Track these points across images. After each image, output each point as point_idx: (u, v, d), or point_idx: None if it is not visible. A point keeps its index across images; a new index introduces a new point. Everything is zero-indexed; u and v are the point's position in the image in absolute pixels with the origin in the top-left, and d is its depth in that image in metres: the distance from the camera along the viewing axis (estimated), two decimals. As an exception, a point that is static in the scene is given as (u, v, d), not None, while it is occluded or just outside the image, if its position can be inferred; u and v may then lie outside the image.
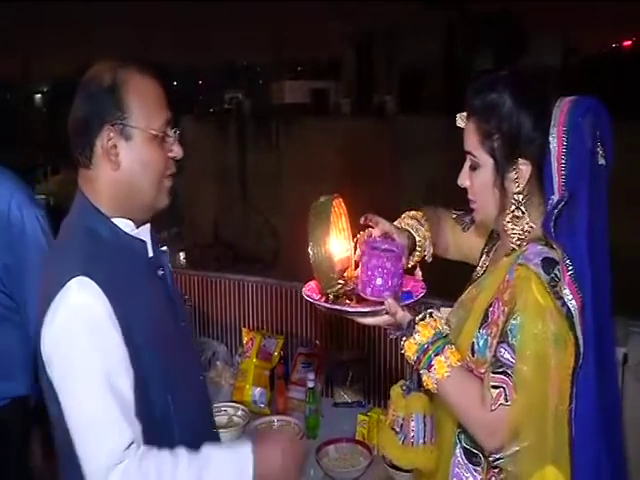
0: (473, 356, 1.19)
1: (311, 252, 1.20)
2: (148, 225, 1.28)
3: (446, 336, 1.18)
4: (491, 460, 1.18)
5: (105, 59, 1.22)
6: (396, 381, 1.40)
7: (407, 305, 1.20)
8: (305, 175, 16.02)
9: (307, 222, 1.21)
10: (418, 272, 1.34)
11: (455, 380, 1.15)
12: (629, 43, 26.96)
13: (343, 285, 1.28)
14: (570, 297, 1.11)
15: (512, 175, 1.17)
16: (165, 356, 1.19)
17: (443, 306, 1.46)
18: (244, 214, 18.05)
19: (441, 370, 1.14)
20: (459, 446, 1.25)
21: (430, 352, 1.16)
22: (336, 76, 30.05)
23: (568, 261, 1.11)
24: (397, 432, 1.32)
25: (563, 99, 1.17)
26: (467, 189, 1.25)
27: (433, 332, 1.17)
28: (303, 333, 2.46)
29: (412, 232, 1.35)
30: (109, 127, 1.16)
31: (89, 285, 1.09)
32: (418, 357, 1.17)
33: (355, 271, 1.31)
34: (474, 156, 1.21)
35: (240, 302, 2.64)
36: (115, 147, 1.17)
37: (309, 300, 1.28)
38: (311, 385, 2.14)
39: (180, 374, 1.24)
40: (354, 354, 2.33)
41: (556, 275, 1.11)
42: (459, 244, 1.45)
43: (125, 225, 1.22)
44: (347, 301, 1.26)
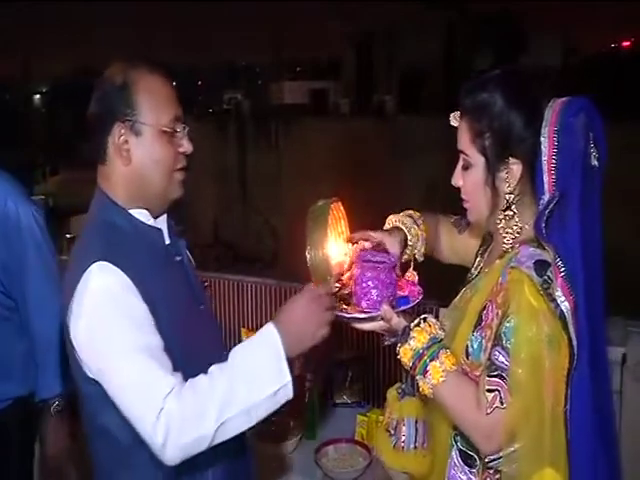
0: (467, 359, 1.19)
1: (308, 255, 1.20)
2: (165, 216, 1.34)
3: (441, 341, 1.19)
4: (486, 461, 1.19)
5: (116, 60, 1.29)
6: (395, 382, 1.41)
7: (402, 311, 1.21)
8: (305, 175, 16.03)
9: (305, 225, 1.21)
10: (415, 276, 1.34)
11: (451, 385, 1.15)
12: (629, 43, 26.97)
13: (340, 289, 1.29)
14: (563, 299, 1.11)
15: (503, 174, 1.18)
16: (184, 336, 1.24)
17: (443, 307, 1.47)
18: (244, 214, 18.06)
19: (436, 375, 1.15)
20: (455, 448, 1.25)
21: (425, 358, 1.16)
22: (336, 76, 30.04)
23: (560, 262, 1.11)
24: (391, 434, 1.33)
25: (556, 100, 1.17)
26: (460, 189, 1.25)
27: (428, 337, 1.18)
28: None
29: (404, 230, 1.36)
30: (120, 124, 1.22)
31: (109, 268, 1.15)
32: (413, 363, 1.18)
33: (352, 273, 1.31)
34: (466, 155, 1.21)
35: (239, 302, 2.64)
36: (126, 143, 1.23)
37: None
38: (310, 385, 2.14)
39: (200, 355, 1.26)
40: (353, 354, 2.33)
41: (549, 277, 1.11)
42: (455, 247, 1.45)
43: (142, 215, 1.28)
44: (344, 305, 1.26)
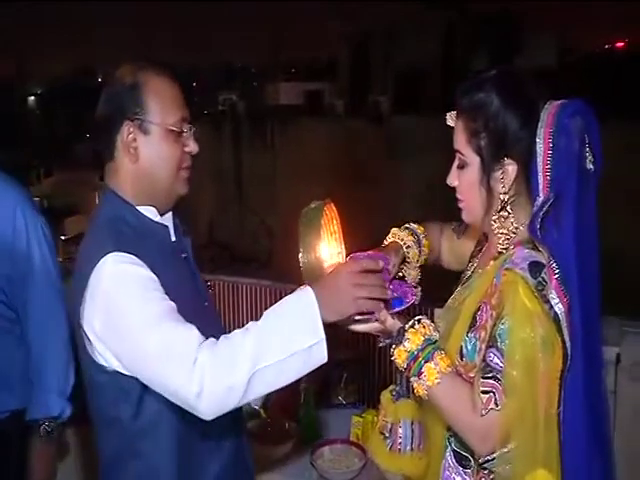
0: (462, 360, 1.19)
1: (301, 258, 1.20)
2: (170, 213, 1.37)
3: (435, 342, 1.19)
4: (481, 462, 1.19)
5: (118, 61, 1.33)
6: (391, 383, 1.40)
7: (397, 312, 1.21)
8: (300, 176, 16.02)
9: (298, 228, 1.20)
10: (411, 278, 1.34)
11: (445, 386, 1.15)
12: (629, 43, 26.95)
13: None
14: (557, 300, 1.11)
15: (498, 174, 1.18)
16: None
17: (438, 308, 1.46)
18: (239, 215, 18.04)
19: (431, 377, 1.15)
20: (449, 449, 1.25)
21: (420, 359, 1.16)
22: (333, 77, 29.99)
23: (554, 264, 1.12)
24: (386, 437, 1.32)
25: (552, 101, 1.18)
26: (456, 189, 1.25)
27: (422, 339, 1.18)
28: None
29: (403, 248, 1.35)
30: (129, 122, 1.27)
31: (124, 257, 1.18)
32: (408, 364, 1.17)
33: None
34: (462, 154, 1.21)
35: (235, 303, 2.63)
36: (135, 141, 1.27)
37: None
38: (305, 386, 2.14)
39: None
40: (349, 355, 2.33)
41: (543, 279, 1.11)
42: (456, 252, 1.45)
43: (149, 212, 1.32)
44: None
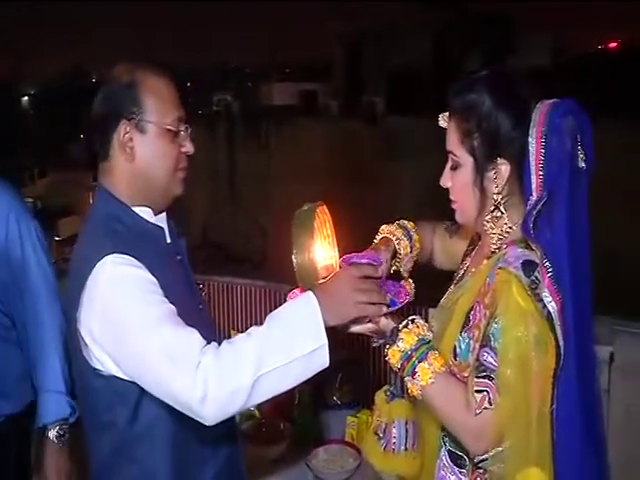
0: (455, 360, 1.19)
1: (294, 260, 1.19)
2: (164, 215, 1.35)
3: (429, 342, 1.18)
4: (476, 462, 1.19)
5: (117, 60, 1.31)
6: (386, 383, 1.40)
7: (391, 312, 1.20)
8: (294, 176, 16.02)
9: (290, 230, 1.20)
10: (409, 283, 1.34)
11: (439, 386, 1.15)
12: (626, 43, 26.96)
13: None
14: (550, 299, 1.11)
15: (491, 175, 1.18)
16: None
17: (432, 307, 1.46)
18: (233, 215, 18.01)
19: (425, 377, 1.15)
20: (444, 449, 1.25)
21: (413, 359, 1.16)
22: (328, 77, 29.98)
23: (547, 263, 1.12)
24: (380, 437, 1.32)
25: (544, 101, 1.18)
26: (449, 190, 1.25)
27: (416, 339, 1.18)
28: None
29: (394, 242, 1.35)
30: (126, 121, 1.25)
31: (123, 259, 1.16)
32: (402, 364, 1.17)
33: None
34: (455, 155, 1.21)
35: (229, 304, 2.63)
36: (131, 140, 1.26)
37: None
38: (300, 387, 2.14)
39: None
40: (344, 355, 2.32)
41: (536, 277, 1.12)
42: (449, 252, 1.45)
43: (144, 213, 1.30)
44: None
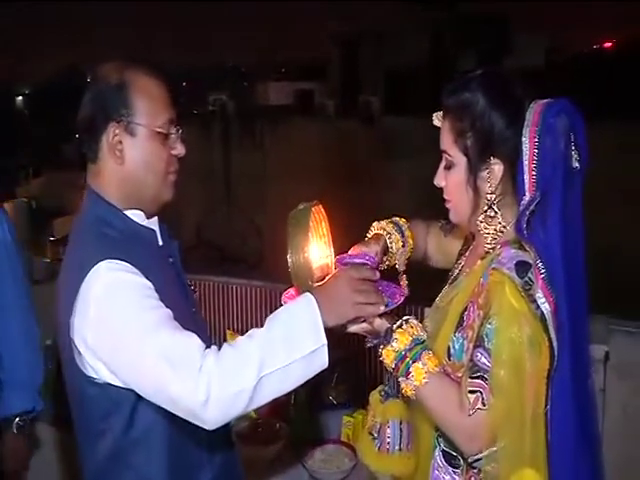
0: (449, 360, 1.19)
1: (290, 260, 1.19)
2: (156, 217, 1.33)
3: (423, 342, 1.18)
4: (470, 462, 1.19)
5: (112, 60, 1.28)
6: (381, 383, 1.40)
7: (385, 313, 1.20)
8: (290, 176, 15.99)
9: (286, 230, 1.20)
10: (404, 279, 1.34)
11: (433, 386, 1.15)
12: (623, 42, 26.95)
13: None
14: (543, 300, 1.12)
15: (485, 174, 1.18)
16: None
17: (427, 307, 1.46)
18: (229, 215, 17.98)
19: (419, 377, 1.15)
20: (438, 449, 1.26)
21: (408, 359, 1.16)
22: (324, 77, 29.95)
23: (541, 264, 1.12)
24: (374, 437, 1.32)
25: (537, 100, 1.18)
26: (443, 189, 1.25)
27: (410, 339, 1.18)
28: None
29: (385, 237, 1.35)
30: (115, 124, 1.22)
31: (118, 264, 1.14)
32: (396, 364, 1.17)
33: None
34: (449, 155, 1.22)
35: (225, 304, 2.63)
36: (120, 143, 1.22)
37: None
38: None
39: None
40: (340, 355, 2.32)
41: (530, 278, 1.12)
42: (443, 250, 1.45)
43: (136, 216, 1.27)
44: None
